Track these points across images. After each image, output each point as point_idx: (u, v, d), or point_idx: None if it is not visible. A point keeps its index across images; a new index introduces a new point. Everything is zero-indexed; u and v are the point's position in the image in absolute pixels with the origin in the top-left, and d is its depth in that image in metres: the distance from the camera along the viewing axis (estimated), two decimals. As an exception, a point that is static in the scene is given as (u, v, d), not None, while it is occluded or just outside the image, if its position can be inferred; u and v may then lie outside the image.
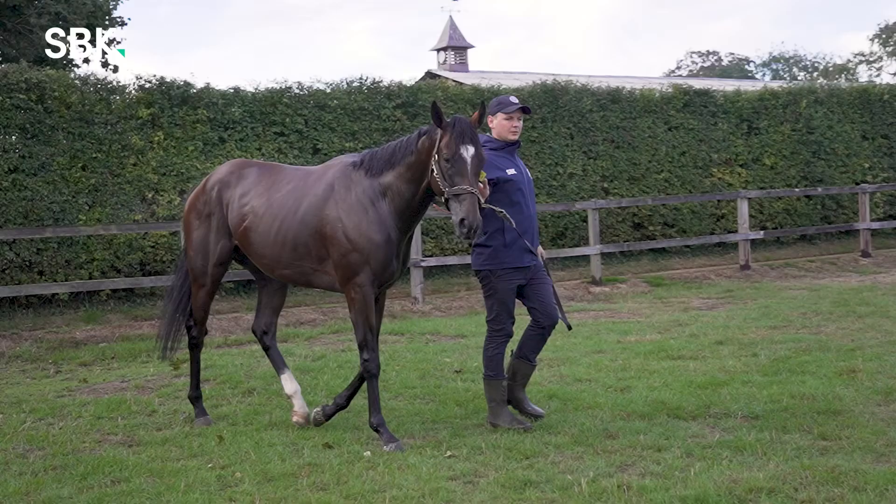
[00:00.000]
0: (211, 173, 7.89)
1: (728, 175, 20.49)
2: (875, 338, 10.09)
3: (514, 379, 7.21)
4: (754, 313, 12.45)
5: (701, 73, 66.90)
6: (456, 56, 37.15)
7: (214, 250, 7.55)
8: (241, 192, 7.41)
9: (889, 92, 23.09)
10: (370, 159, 6.89)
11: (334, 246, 6.79)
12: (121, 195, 14.63)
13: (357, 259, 6.71)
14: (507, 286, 7.04)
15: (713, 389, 7.88)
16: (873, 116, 22.58)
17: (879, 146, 22.60)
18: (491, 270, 7.03)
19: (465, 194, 6.24)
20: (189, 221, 7.74)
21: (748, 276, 17.14)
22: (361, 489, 5.65)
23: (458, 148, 6.31)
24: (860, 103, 22.49)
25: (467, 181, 6.27)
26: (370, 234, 6.69)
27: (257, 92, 16.09)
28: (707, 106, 20.51)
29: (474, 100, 17.91)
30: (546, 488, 5.54)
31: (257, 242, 7.22)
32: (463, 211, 6.20)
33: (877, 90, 23.17)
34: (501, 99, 7.21)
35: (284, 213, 7.07)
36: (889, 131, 22.74)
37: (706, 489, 5.31)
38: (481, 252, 7.06)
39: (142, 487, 5.85)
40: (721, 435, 6.54)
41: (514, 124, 7.13)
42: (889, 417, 6.79)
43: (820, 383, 7.91)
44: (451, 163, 6.30)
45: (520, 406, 7.20)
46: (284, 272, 7.25)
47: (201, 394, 7.87)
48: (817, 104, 21.82)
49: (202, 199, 7.66)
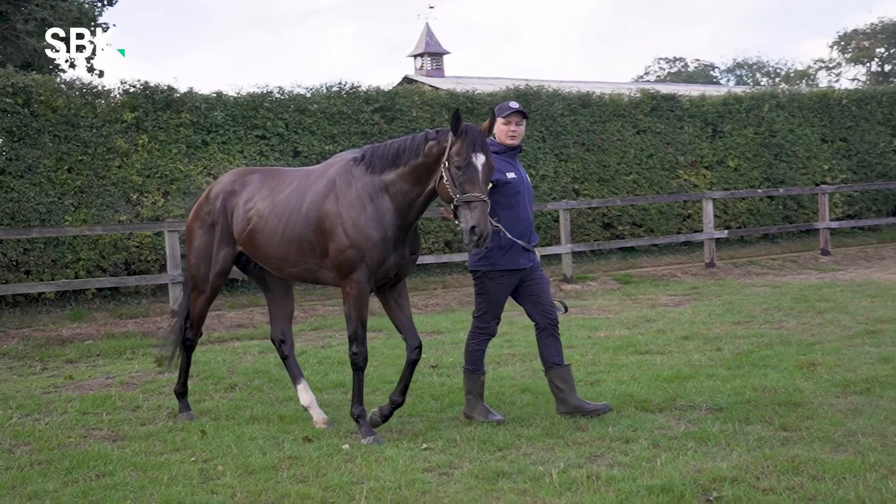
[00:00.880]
0: (214, 183, 7.75)
1: (694, 177, 20.58)
2: (834, 332, 10.16)
3: (561, 390, 7.01)
4: (719, 309, 12.50)
5: (668, 78, 67.16)
6: (432, 62, 37.10)
7: (216, 259, 7.44)
8: (245, 198, 7.28)
9: (847, 97, 23.25)
10: (371, 156, 6.77)
11: (332, 241, 6.68)
12: (106, 197, 14.53)
13: (354, 255, 6.60)
14: (498, 288, 6.98)
15: (679, 383, 7.91)
16: (832, 120, 22.74)
17: (838, 149, 22.76)
18: (484, 271, 6.97)
19: (477, 202, 6.14)
20: (192, 229, 7.62)
21: (713, 273, 17.22)
22: (340, 481, 5.63)
23: (469, 156, 6.22)
24: (820, 108, 22.63)
25: (478, 189, 6.18)
26: (368, 232, 6.57)
27: (239, 96, 16.02)
28: (673, 110, 20.59)
29: (450, 104, 17.92)
30: (518, 479, 5.55)
31: (264, 243, 7.09)
32: (474, 218, 6.10)
33: (836, 95, 23.33)
34: (502, 105, 7.14)
35: (289, 212, 6.96)
36: (847, 134, 22.91)
37: (672, 478, 5.33)
38: (477, 252, 6.93)
39: (126, 481, 5.81)
40: (686, 426, 6.56)
41: (512, 129, 7.05)
42: (847, 409, 6.83)
43: (781, 376, 7.97)
44: (463, 170, 6.20)
45: (582, 410, 6.91)
46: (292, 270, 7.14)
47: (187, 390, 7.79)
48: (779, 108, 21.94)
49: (206, 208, 7.52)
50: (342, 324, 12.58)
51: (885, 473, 5.29)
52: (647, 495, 5.11)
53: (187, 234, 7.75)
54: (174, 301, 13.24)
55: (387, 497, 5.32)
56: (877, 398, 7.10)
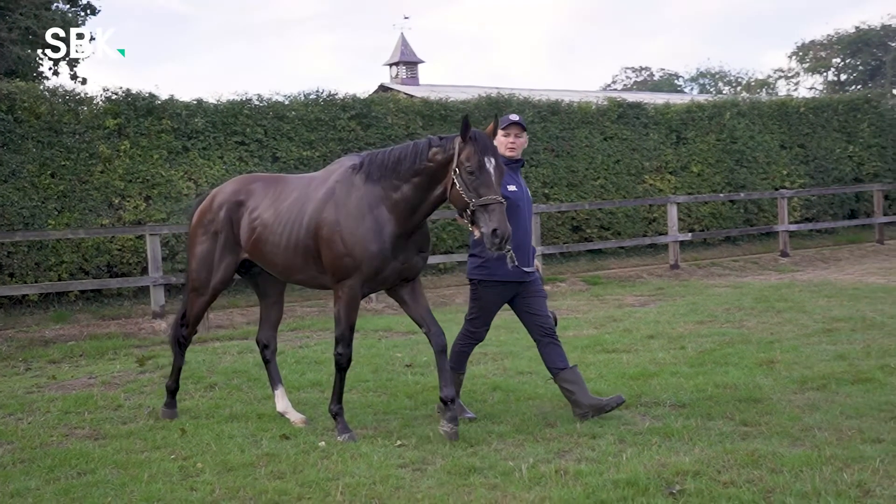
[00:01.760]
0: (217, 191, 7.51)
1: (659, 181, 20.68)
2: (792, 331, 10.23)
3: (572, 392, 6.81)
4: (683, 309, 12.56)
5: (634, 87, 67.49)
6: (407, 70, 37.05)
7: (219, 267, 7.27)
8: (250, 207, 7.11)
9: (805, 105, 23.45)
10: (370, 164, 6.59)
11: (329, 248, 6.53)
12: (88, 201, 14.42)
13: (349, 263, 6.44)
14: (492, 296, 6.89)
15: (644, 380, 7.94)
16: (791, 127, 22.92)
17: (796, 155, 22.94)
18: (481, 280, 6.87)
19: (495, 204, 5.97)
20: (195, 235, 7.43)
21: (677, 274, 17.31)
22: (316, 477, 5.61)
23: (482, 160, 6.06)
24: (779, 115, 22.81)
25: (493, 191, 6.01)
26: (365, 243, 6.40)
27: (219, 103, 15.93)
28: (639, 118, 20.68)
29: (424, 111, 17.92)
30: (489, 474, 5.54)
31: (270, 252, 6.94)
32: (494, 221, 5.92)
33: (794, 103, 23.52)
34: (503, 117, 7.00)
35: (291, 221, 6.80)
36: (805, 141, 23.10)
37: (637, 472, 5.34)
38: (475, 261, 6.88)
39: (107, 478, 5.76)
40: (651, 422, 6.59)
41: (511, 141, 6.91)
42: (804, 404, 6.88)
43: (742, 373, 8.01)
44: (476, 175, 6.03)
45: (599, 408, 6.71)
46: (298, 277, 7.01)
47: (178, 387, 7.65)
48: (740, 116, 22.09)
49: (208, 216, 7.32)
50: (319, 324, 12.55)
51: (840, 466, 5.33)
52: (612, 489, 5.12)
53: (190, 239, 7.57)
54: (155, 302, 13.17)
55: (362, 492, 5.30)
56: (833, 394, 7.16)
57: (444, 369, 6.56)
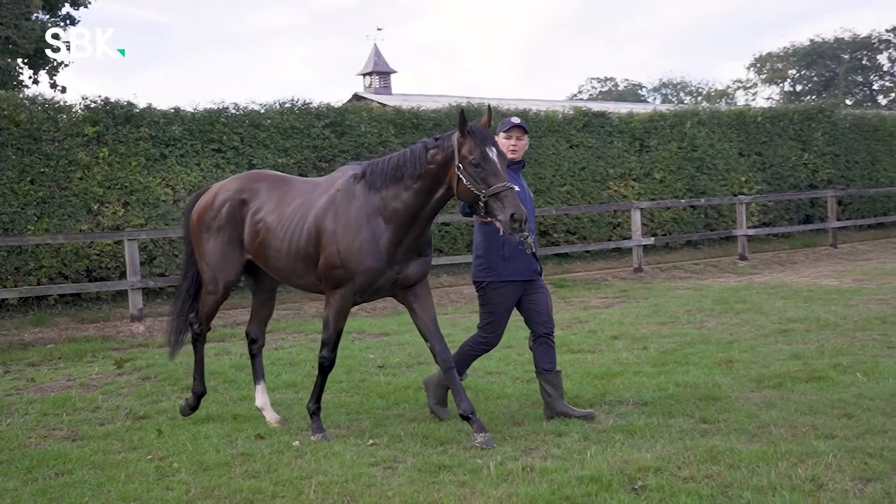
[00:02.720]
0: (219, 188, 7.24)
1: (623, 188, 20.77)
2: (750, 331, 10.31)
3: (549, 395, 6.77)
4: (646, 311, 12.62)
5: (599, 96, 67.84)
6: (380, 80, 37.04)
7: (228, 262, 7.03)
8: (254, 208, 6.90)
9: (762, 114, 23.66)
10: (371, 173, 6.38)
11: (324, 256, 6.37)
12: (67, 207, 14.26)
13: (342, 275, 6.29)
14: (502, 299, 6.73)
15: (608, 380, 7.96)
16: (749, 136, 23.11)
17: (754, 162, 23.14)
18: (487, 283, 6.72)
19: (506, 191, 5.82)
20: (198, 235, 7.18)
21: (641, 277, 17.40)
22: (290, 476, 5.57)
23: (484, 150, 5.93)
24: (737, 124, 23.00)
25: (501, 179, 5.87)
26: (361, 257, 6.22)
27: (196, 112, 15.82)
28: (604, 126, 20.76)
29: (396, 120, 17.90)
30: (458, 472, 5.53)
31: (273, 257, 6.76)
32: (510, 206, 5.76)
33: (752, 113, 23.72)
34: (504, 120, 6.83)
35: (293, 227, 6.60)
36: (762, 149, 23.30)
37: (601, 469, 5.35)
38: (480, 263, 6.76)
39: (84, 479, 5.69)
40: (615, 420, 6.60)
41: (513, 143, 6.73)
42: (761, 402, 6.93)
43: (701, 373, 8.05)
44: (482, 166, 5.90)
45: (567, 416, 6.66)
46: (300, 283, 6.81)
47: (205, 389, 7.39)
48: (700, 125, 22.24)
49: (210, 213, 7.07)
50: (294, 327, 12.50)
51: (794, 461, 5.36)
52: (577, 485, 5.12)
53: (194, 240, 7.28)
54: (133, 306, 13.04)
55: (334, 490, 5.27)
56: (788, 392, 7.21)
57: (456, 385, 6.37)
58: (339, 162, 16.61)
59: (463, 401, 6.29)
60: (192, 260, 7.47)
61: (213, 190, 7.30)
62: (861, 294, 13.15)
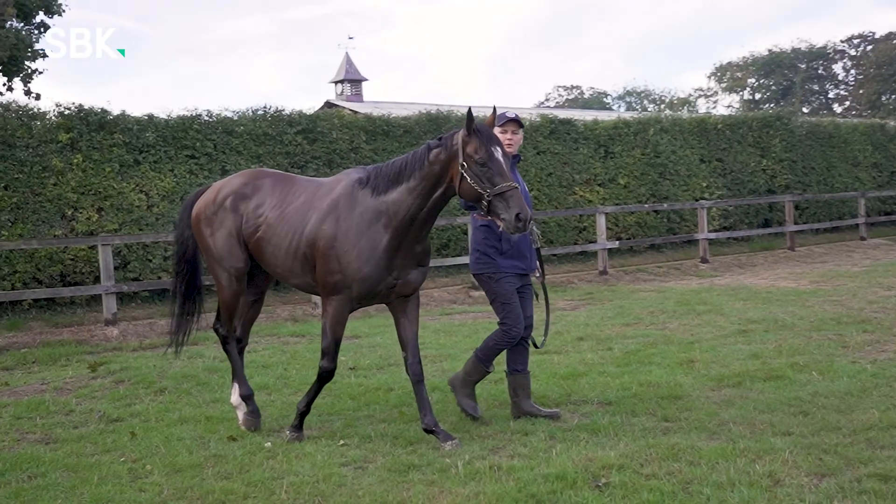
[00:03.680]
0: (221, 184, 7.05)
1: (588, 193, 20.87)
2: (711, 332, 10.38)
3: (517, 394, 6.78)
4: (610, 312, 12.67)
5: (566, 104, 68.11)
6: (352, 88, 36.96)
7: (232, 252, 6.80)
8: (256, 203, 6.72)
9: (723, 122, 23.88)
10: (375, 178, 6.24)
11: (323, 262, 6.21)
12: (42, 213, 14.10)
13: (340, 281, 6.13)
14: (508, 286, 6.64)
15: (574, 380, 7.99)
16: (709, 143, 23.32)
17: (715, 168, 23.35)
18: (489, 274, 6.67)
19: (511, 190, 5.74)
20: (200, 231, 6.96)
21: (606, 280, 17.47)
22: (262, 477, 5.53)
23: (490, 150, 5.83)
24: (699, 131, 23.19)
25: (506, 178, 5.78)
26: (359, 265, 6.07)
27: (170, 119, 15.70)
28: (570, 133, 20.86)
29: (367, 127, 17.87)
30: (427, 471, 5.53)
31: (271, 254, 6.59)
32: (515, 206, 5.70)
33: (712, 120, 23.94)
34: (498, 115, 6.62)
35: (294, 227, 6.44)
36: (723, 155, 23.51)
37: (566, 467, 5.37)
38: (479, 258, 6.72)
39: (57, 482, 5.61)
40: (579, 419, 6.62)
41: (508, 137, 6.64)
42: (721, 400, 6.98)
43: (664, 372, 8.10)
44: (487, 165, 5.79)
45: (533, 415, 6.67)
46: (296, 282, 6.66)
47: (252, 392, 7.02)
48: (663, 132, 22.41)
49: (211, 208, 6.88)
50: (267, 330, 12.41)
51: (753, 458, 5.41)
52: (543, 483, 5.13)
53: (197, 238, 7.05)
54: (107, 310, 12.90)
55: (305, 491, 5.25)
56: (747, 391, 7.27)
57: (423, 398, 6.29)
58: (311, 168, 16.57)
59: (427, 415, 6.24)
60: (184, 259, 7.30)
61: (214, 187, 7.13)
62: (817, 296, 13.30)
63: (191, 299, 7.43)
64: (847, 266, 18.21)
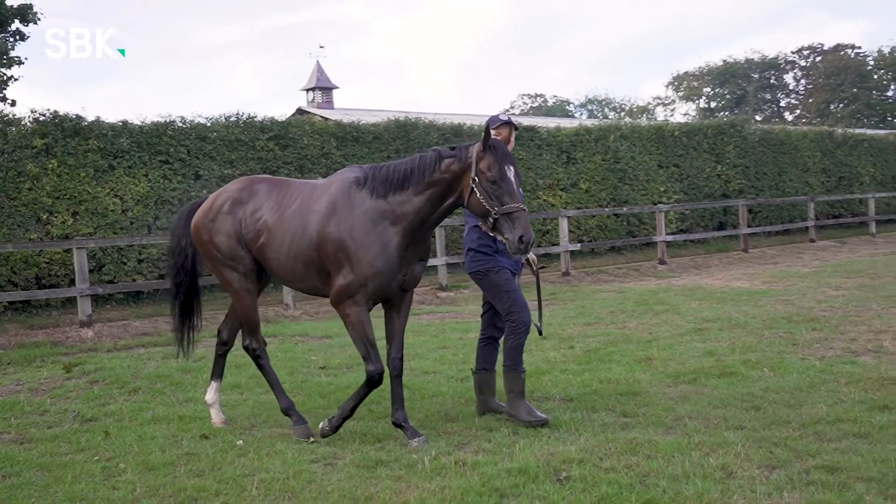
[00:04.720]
0: (217, 193, 6.87)
1: (551, 197, 20.96)
2: (668, 331, 10.44)
3: (482, 392, 6.75)
4: (572, 312, 12.71)
5: (530, 111, 68.42)
6: (323, 95, 36.75)
7: (236, 253, 6.58)
8: (252, 207, 6.53)
9: (679, 129, 24.10)
10: (373, 180, 6.09)
11: (335, 267, 6.05)
12: (17, 216, 13.90)
13: (354, 281, 5.97)
14: (504, 277, 6.54)
15: (537, 377, 7.99)
16: (667, 149, 23.52)
17: (672, 173, 23.56)
18: (488, 269, 6.59)
19: (518, 212, 5.67)
20: (201, 239, 6.72)
21: (568, 281, 17.54)
22: (234, 474, 5.49)
23: (503, 169, 5.73)
24: (657, 138, 23.39)
25: (516, 199, 5.71)
26: (371, 260, 5.93)
27: (144, 125, 15.55)
28: (533, 139, 20.94)
29: (338, 133, 17.81)
30: (395, 467, 5.51)
31: (273, 258, 6.41)
32: (520, 228, 5.63)
33: (670, 128, 24.15)
34: (492, 117, 6.56)
35: (293, 229, 6.26)
36: (680, 161, 23.73)
37: (528, 461, 5.38)
38: (474, 257, 6.63)
39: (31, 480, 5.53)
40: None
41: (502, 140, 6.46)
42: (677, 396, 7.03)
43: (623, 370, 8.14)
44: (499, 183, 5.69)
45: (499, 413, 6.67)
46: (300, 286, 6.52)
47: (292, 403, 6.72)
48: (623, 139, 22.57)
49: (210, 215, 6.68)
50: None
51: (707, 451, 5.45)
52: (506, 477, 5.14)
53: (199, 248, 6.83)
54: (82, 312, 12.73)
55: (276, 487, 5.21)
56: (702, 387, 7.33)
57: (397, 394, 6.20)
58: (282, 173, 16.47)
59: (398, 410, 6.19)
60: (182, 269, 7.06)
61: (212, 197, 6.94)
62: (769, 295, 13.44)
63: (189, 307, 7.23)
64: (797, 267, 18.43)
